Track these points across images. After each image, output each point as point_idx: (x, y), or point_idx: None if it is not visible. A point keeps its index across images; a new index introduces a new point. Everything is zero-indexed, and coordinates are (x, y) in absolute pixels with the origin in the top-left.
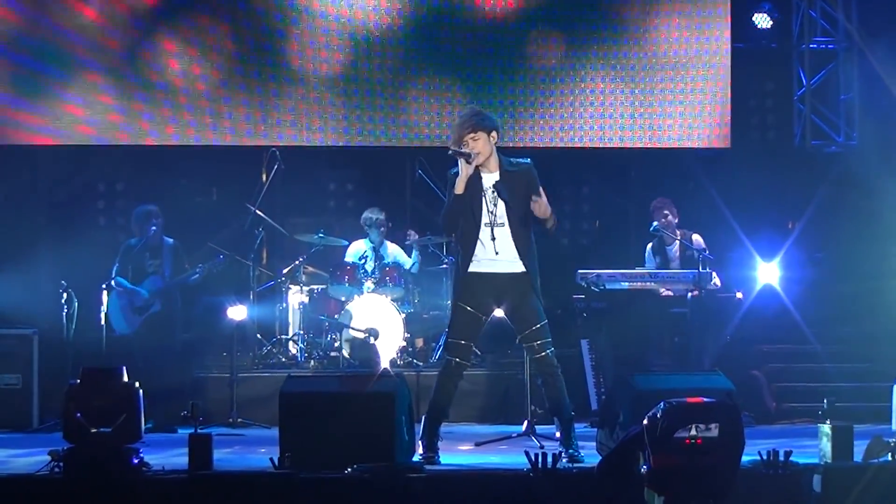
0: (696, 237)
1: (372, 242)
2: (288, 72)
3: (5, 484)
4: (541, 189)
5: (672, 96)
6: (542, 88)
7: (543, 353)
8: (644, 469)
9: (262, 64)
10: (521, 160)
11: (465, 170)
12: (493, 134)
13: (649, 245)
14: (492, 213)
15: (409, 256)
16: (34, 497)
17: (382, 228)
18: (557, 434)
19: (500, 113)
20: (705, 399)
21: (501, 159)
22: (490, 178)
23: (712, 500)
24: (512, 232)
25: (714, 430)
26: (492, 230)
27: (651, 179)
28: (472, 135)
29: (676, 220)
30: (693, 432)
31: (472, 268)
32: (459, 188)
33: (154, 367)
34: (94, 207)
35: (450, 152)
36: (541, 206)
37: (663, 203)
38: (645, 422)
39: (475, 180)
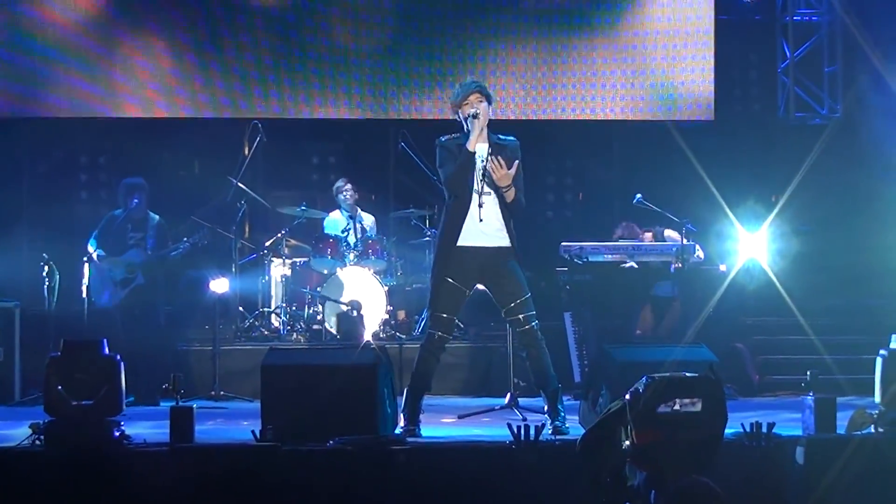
0: (669, 232)
1: (346, 212)
2: (270, 44)
3: None
4: (520, 169)
5: (656, 68)
6: (525, 61)
7: (528, 326)
8: (626, 444)
9: (244, 36)
10: (508, 137)
11: (477, 126)
12: (491, 107)
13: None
14: (481, 181)
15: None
16: (15, 470)
17: (345, 195)
18: (545, 408)
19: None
20: (688, 373)
21: (489, 134)
22: (480, 148)
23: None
24: (499, 201)
25: (697, 405)
26: (480, 197)
27: (634, 152)
28: (478, 96)
29: (650, 234)
30: (676, 407)
31: (460, 241)
32: (472, 146)
33: (136, 339)
34: (75, 180)
35: (470, 111)
36: (499, 171)
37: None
38: (627, 397)
39: (465, 147)
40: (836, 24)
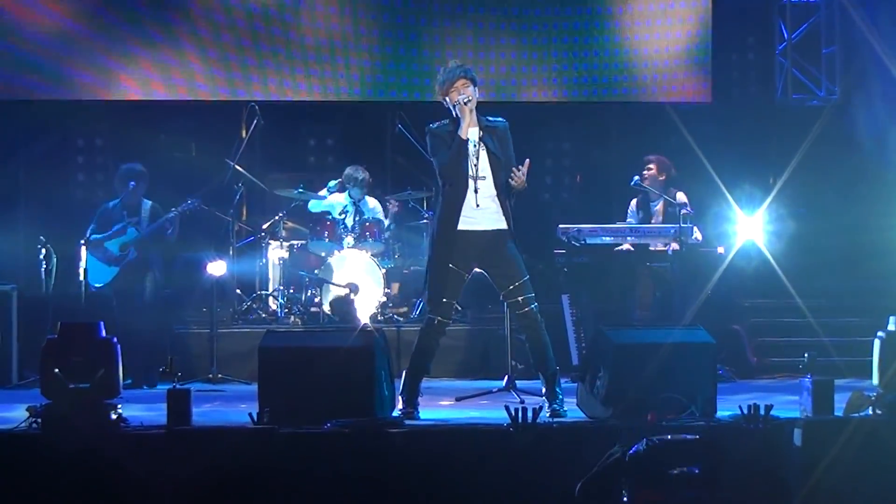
0: (680, 194)
1: (352, 197)
2: (268, 26)
3: None
4: (511, 149)
5: (653, 50)
6: (523, 43)
7: (528, 309)
8: (624, 499)
9: (242, 19)
10: (497, 118)
11: (467, 112)
12: (477, 89)
13: (633, 200)
14: (475, 165)
15: (386, 218)
16: (12, 453)
17: (366, 189)
18: (544, 390)
19: (481, 68)
20: (686, 436)
21: (478, 116)
22: (471, 133)
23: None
24: (495, 184)
25: (696, 467)
26: (475, 182)
27: (632, 134)
28: (464, 81)
29: (663, 178)
30: (674, 470)
31: (459, 226)
32: (464, 133)
33: (133, 322)
34: (73, 163)
35: (458, 98)
36: (519, 178)
37: (649, 159)
38: (626, 459)
39: (457, 135)
40: (833, 6)
